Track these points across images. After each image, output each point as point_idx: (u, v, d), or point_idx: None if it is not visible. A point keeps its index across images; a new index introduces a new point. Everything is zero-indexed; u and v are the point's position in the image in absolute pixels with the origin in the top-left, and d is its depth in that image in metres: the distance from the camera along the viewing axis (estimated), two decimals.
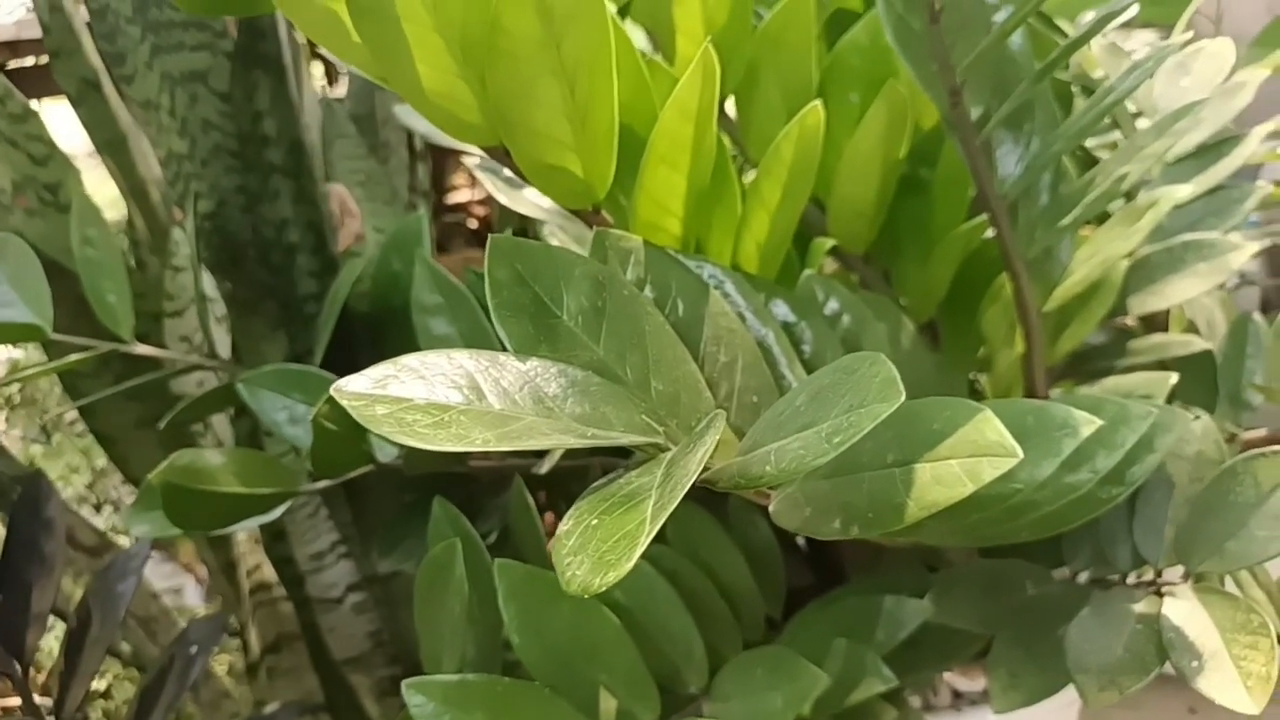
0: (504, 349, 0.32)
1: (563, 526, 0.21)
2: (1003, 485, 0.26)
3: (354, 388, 0.22)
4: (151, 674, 0.41)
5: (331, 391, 0.22)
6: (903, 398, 0.19)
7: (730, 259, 0.36)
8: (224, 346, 0.46)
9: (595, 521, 0.20)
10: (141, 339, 0.43)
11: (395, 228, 0.46)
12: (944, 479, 0.22)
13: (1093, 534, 0.38)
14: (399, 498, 0.51)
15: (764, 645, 0.36)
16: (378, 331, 0.47)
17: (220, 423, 0.49)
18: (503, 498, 0.51)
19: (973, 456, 0.22)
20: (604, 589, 0.18)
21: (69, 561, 0.45)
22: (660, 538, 0.38)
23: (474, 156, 0.50)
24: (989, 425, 0.22)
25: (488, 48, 0.26)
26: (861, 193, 0.42)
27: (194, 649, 0.40)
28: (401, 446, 0.40)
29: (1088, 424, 0.25)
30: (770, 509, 0.27)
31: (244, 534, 0.52)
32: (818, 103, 0.34)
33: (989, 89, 0.36)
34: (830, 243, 0.40)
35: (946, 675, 0.51)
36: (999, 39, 0.32)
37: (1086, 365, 0.53)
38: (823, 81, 0.44)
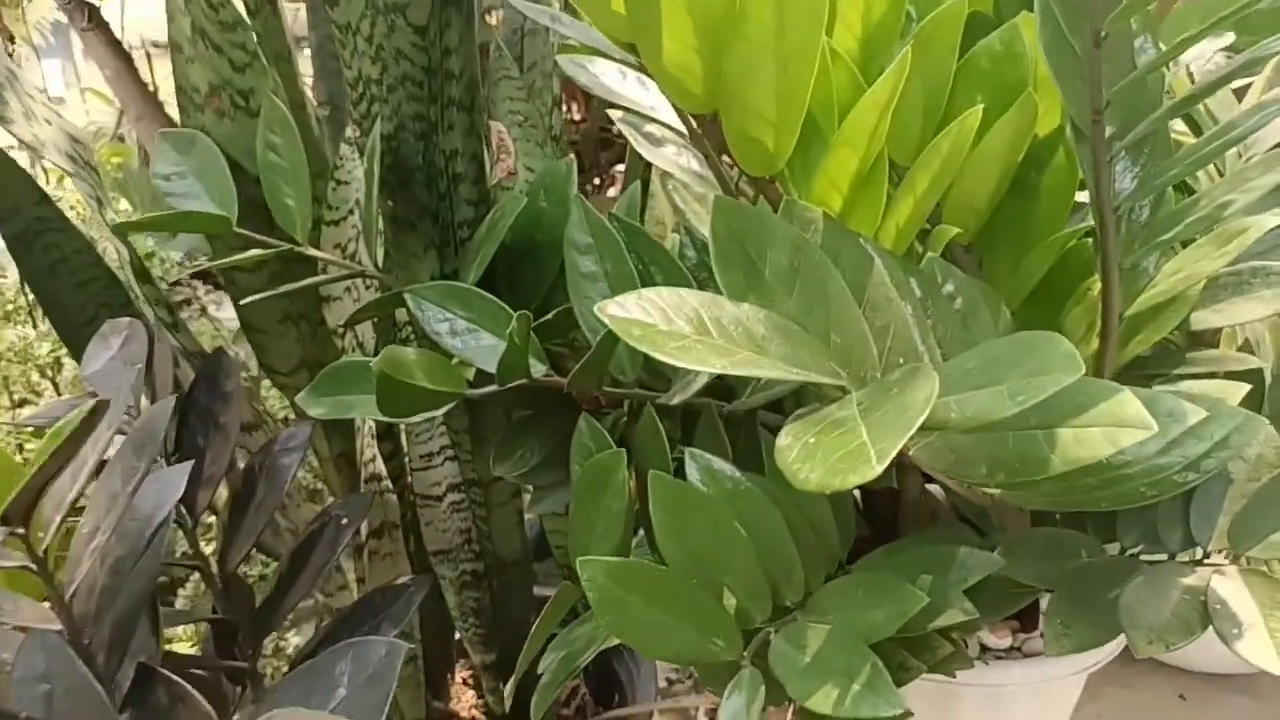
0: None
1: (781, 441, 0.26)
2: (1114, 456, 0.31)
3: (613, 311, 0.27)
4: (302, 538, 0.46)
5: (596, 311, 0.27)
6: (1081, 371, 0.24)
7: (872, 236, 0.41)
8: (376, 259, 0.50)
9: (813, 440, 0.25)
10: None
11: (545, 168, 0.50)
12: (1086, 441, 0.27)
13: (1147, 516, 0.44)
14: (511, 414, 0.57)
15: (850, 574, 0.42)
16: (516, 262, 0.51)
17: (363, 327, 0.54)
18: (603, 423, 0.56)
19: (1114, 426, 0.26)
20: (841, 488, 0.23)
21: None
22: (761, 472, 0.43)
23: (617, 111, 0.54)
24: (1130, 402, 0.27)
25: (729, 29, 0.30)
26: (980, 189, 0.46)
27: (345, 520, 0.45)
28: (551, 366, 0.45)
29: (1195, 414, 0.30)
30: (910, 453, 0.32)
31: (366, 429, 0.57)
32: (979, 109, 0.38)
33: (1123, 112, 0.40)
34: (954, 231, 0.44)
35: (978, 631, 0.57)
36: (1149, 70, 0.36)
37: (1145, 370, 0.58)
38: (954, 81, 0.48)
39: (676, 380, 0.46)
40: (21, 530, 0.29)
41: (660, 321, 0.27)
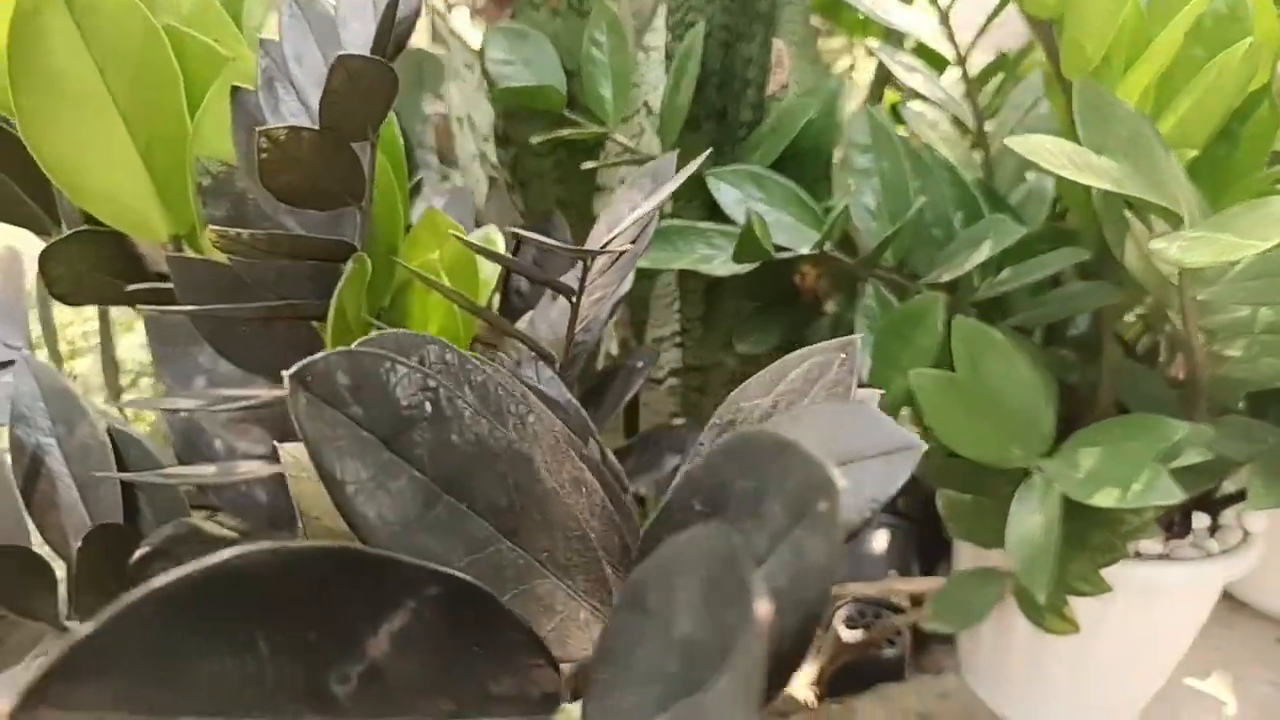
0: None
1: (1155, 245, 0.34)
2: None
3: (1019, 144, 0.35)
4: (600, 376, 0.54)
5: (1007, 142, 0.35)
6: None
7: None
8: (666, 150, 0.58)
9: (1185, 243, 0.33)
10: None
11: (819, 84, 0.58)
12: None
13: None
14: (744, 304, 0.65)
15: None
16: (783, 161, 0.59)
17: None
18: (823, 319, 0.64)
19: None
20: (1227, 260, 0.30)
21: None
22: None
23: (874, 42, 0.62)
24: None
25: None
26: (1205, 124, 0.54)
27: (640, 364, 0.54)
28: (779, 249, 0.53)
29: None
30: (1198, 298, 0.40)
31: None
32: (1247, 41, 0.46)
33: None
34: (1193, 153, 0.52)
35: None
36: None
37: None
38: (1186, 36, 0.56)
39: (936, 267, 0.54)
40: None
41: (1050, 158, 0.36)
